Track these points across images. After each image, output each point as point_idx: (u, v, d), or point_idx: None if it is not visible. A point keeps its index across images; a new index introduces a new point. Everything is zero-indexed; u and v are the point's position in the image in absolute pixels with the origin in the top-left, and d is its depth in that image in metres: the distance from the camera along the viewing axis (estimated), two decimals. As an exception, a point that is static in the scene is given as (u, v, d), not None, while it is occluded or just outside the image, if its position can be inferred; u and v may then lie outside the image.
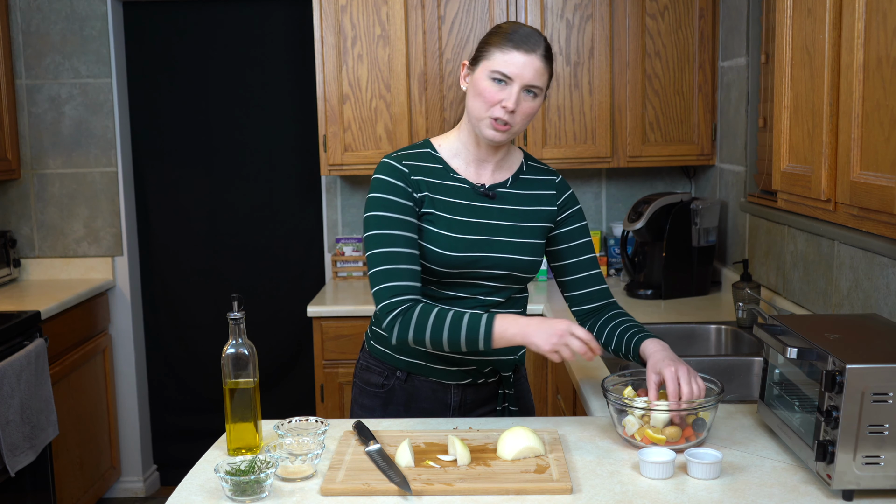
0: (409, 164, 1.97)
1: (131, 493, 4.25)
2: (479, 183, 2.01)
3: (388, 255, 1.89)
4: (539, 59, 1.89)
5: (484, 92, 1.90)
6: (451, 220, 1.95)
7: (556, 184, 2.08)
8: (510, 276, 2.00)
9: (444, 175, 1.99)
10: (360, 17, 3.57)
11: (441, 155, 2.02)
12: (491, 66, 1.89)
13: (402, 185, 1.94)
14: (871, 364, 1.49)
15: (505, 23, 1.97)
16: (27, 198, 4.11)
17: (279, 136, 4.23)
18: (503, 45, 1.89)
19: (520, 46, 1.88)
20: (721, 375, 2.45)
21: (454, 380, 2.05)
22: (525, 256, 1.99)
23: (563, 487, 1.58)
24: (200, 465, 1.76)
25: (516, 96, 1.88)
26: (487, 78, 1.90)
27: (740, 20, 3.29)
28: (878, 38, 1.51)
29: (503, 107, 1.88)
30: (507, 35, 1.90)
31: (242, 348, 1.76)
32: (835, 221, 1.75)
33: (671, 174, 4.01)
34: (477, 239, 1.96)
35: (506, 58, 1.88)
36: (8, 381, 3.01)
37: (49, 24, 4.01)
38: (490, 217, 1.98)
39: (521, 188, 2.04)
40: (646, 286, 3.45)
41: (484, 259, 1.96)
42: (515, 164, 2.07)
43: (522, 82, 1.88)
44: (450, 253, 1.93)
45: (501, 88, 1.89)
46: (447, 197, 1.97)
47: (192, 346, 4.36)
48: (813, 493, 1.57)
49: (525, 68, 1.88)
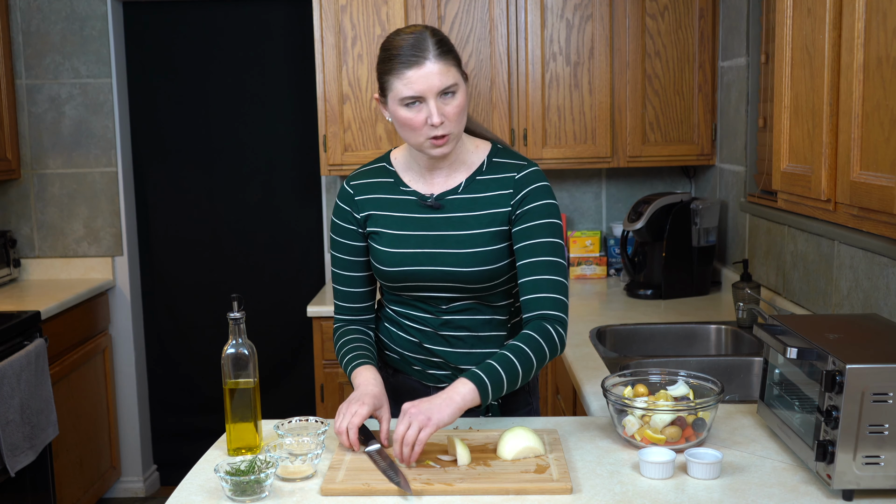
0: (358, 184, 2.00)
1: (131, 493, 4.25)
2: (429, 193, 1.95)
3: (335, 275, 2.06)
4: (434, 61, 1.79)
5: (407, 121, 1.83)
6: (393, 236, 1.94)
7: (514, 181, 1.91)
8: (461, 288, 1.92)
9: (394, 189, 1.97)
10: (360, 17, 3.57)
11: (395, 168, 2.00)
12: (398, 96, 1.82)
13: (346, 209, 2.00)
14: (871, 364, 1.49)
15: (388, 38, 1.87)
16: (27, 198, 4.11)
17: (279, 136, 4.23)
18: (395, 70, 1.81)
19: (410, 63, 1.79)
20: (721, 375, 2.45)
21: (432, 382, 2.04)
22: (470, 268, 1.89)
23: (563, 487, 1.58)
24: (200, 465, 1.76)
25: (436, 109, 1.80)
26: (401, 107, 1.83)
27: (740, 20, 3.29)
28: (878, 38, 1.51)
29: (431, 124, 1.81)
30: (394, 58, 1.82)
31: (242, 348, 1.76)
32: (835, 221, 1.75)
33: (671, 174, 4.01)
34: (417, 252, 1.92)
35: (404, 82, 1.80)
36: (8, 381, 3.01)
37: (49, 24, 4.01)
38: (433, 228, 1.93)
39: (474, 191, 1.93)
40: (646, 286, 3.45)
41: (424, 272, 1.92)
42: (475, 164, 1.96)
43: (433, 93, 1.80)
44: (388, 268, 1.94)
45: (419, 109, 1.81)
46: (393, 212, 1.96)
47: (192, 346, 4.36)
48: (813, 493, 1.57)
49: (427, 80, 1.79)
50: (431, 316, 1.98)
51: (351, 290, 2.04)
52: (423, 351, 2.01)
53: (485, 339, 1.98)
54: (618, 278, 3.87)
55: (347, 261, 2.02)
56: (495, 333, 1.99)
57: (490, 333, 1.99)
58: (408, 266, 1.93)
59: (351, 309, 2.06)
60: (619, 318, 3.07)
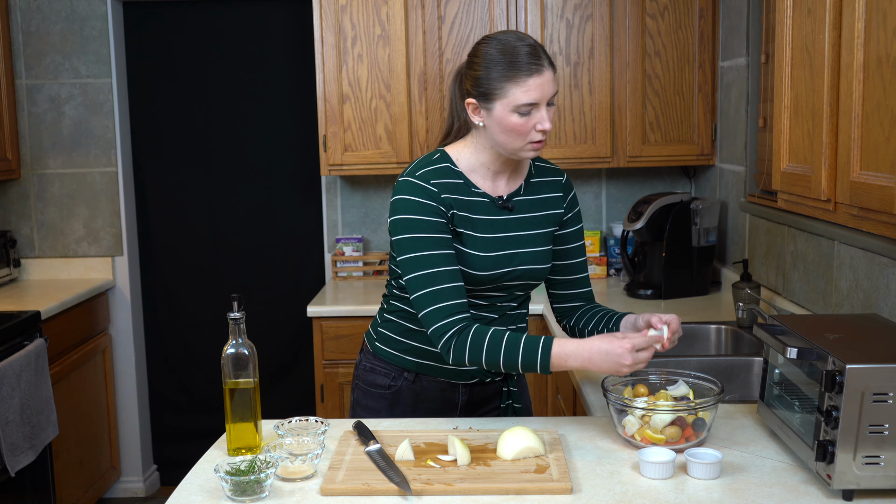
0: (438, 183, 1.93)
1: (131, 493, 4.25)
2: (497, 195, 1.99)
3: (431, 276, 1.86)
4: (549, 69, 1.86)
5: (515, 127, 1.85)
6: (477, 238, 1.94)
7: (562, 185, 2.08)
8: (527, 285, 2.03)
9: (466, 190, 1.96)
10: (360, 17, 3.57)
11: (460, 169, 1.98)
12: (513, 103, 1.83)
13: (433, 204, 1.90)
14: (871, 364, 1.49)
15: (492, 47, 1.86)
16: (27, 198, 4.11)
17: (279, 136, 4.23)
18: (516, 77, 1.83)
19: (531, 71, 1.83)
20: (721, 375, 2.45)
21: (463, 379, 2.06)
22: (541, 265, 2.01)
23: (563, 487, 1.58)
24: (200, 465, 1.76)
25: (547, 115, 1.86)
26: (512, 114, 1.84)
27: (740, 20, 3.29)
28: (878, 38, 1.51)
29: (540, 130, 1.86)
30: (509, 63, 1.83)
31: (242, 348, 1.77)
32: (835, 221, 1.75)
33: (671, 174, 4.01)
34: (500, 255, 1.95)
35: (524, 88, 1.83)
36: (8, 381, 3.01)
37: (49, 24, 4.01)
38: (510, 230, 1.98)
39: (532, 193, 2.03)
40: (646, 286, 3.45)
41: (508, 273, 1.97)
42: (526, 169, 2.05)
43: (546, 99, 1.86)
44: (478, 272, 1.94)
45: (530, 117, 1.85)
46: (470, 213, 1.95)
47: (192, 346, 4.36)
48: (813, 493, 1.57)
49: (544, 87, 1.84)
50: (489, 314, 2.01)
51: (459, 284, 1.88)
52: None
53: (522, 329, 2.09)
54: (618, 278, 3.87)
55: (452, 256, 1.89)
56: (522, 325, 2.10)
57: (521, 325, 2.09)
58: (498, 269, 1.95)
59: (465, 305, 1.88)
60: (619, 318, 3.07)
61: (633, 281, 3.55)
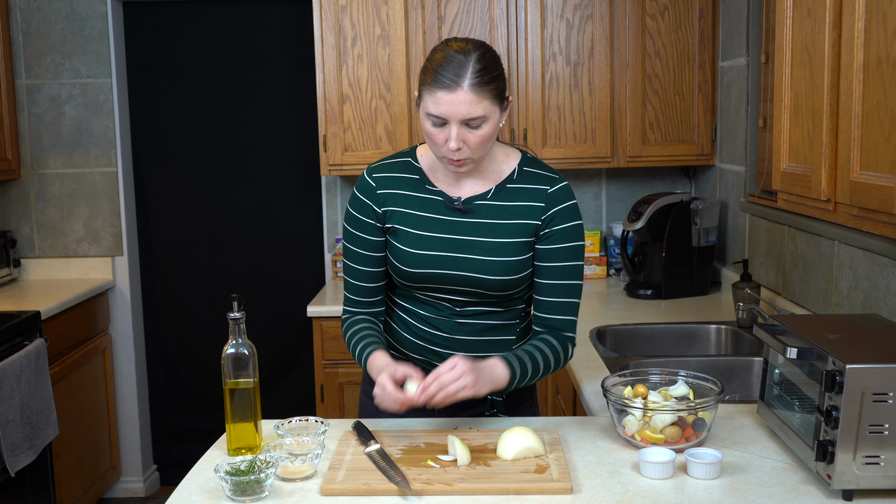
0: (381, 177, 1.95)
1: (131, 493, 4.25)
2: (456, 196, 1.93)
3: (347, 268, 2.01)
4: (467, 91, 1.75)
5: (428, 134, 1.83)
6: (415, 235, 1.91)
7: (546, 195, 1.91)
8: (480, 293, 1.92)
9: (419, 187, 1.94)
10: (360, 17, 3.57)
11: (421, 165, 1.96)
12: (425, 108, 1.81)
13: (365, 201, 1.95)
14: (871, 364, 1.49)
15: (436, 48, 1.84)
16: (27, 198, 4.11)
17: (279, 136, 4.23)
18: (430, 84, 1.79)
19: (444, 84, 1.76)
20: (721, 375, 2.45)
21: None
22: (494, 276, 1.89)
23: (563, 487, 1.58)
24: (200, 465, 1.76)
25: (456, 135, 1.78)
26: (426, 119, 1.81)
27: (740, 20, 3.29)
28: (878, 38, 1.51)
29: (449, 147, 1.80)
30: (433, 71, 1.79)
31: (242, 348, 1.77)
32: (835, 221, 1.75)
33: (671, 174, 4.01)
34: (440, 255, 1.90)
35: (433, 99, 1.78)
36: (8, 381, 3.01)
37: (49, 24, 4.01)
38: (460, 232, 1.90)
39: (504, 199, 1.92)
40: (646, 286, 3.45)
41: (447, 276, 1.91)
42: (506, 171, 1.94)
43: (457, 119, 1.77)
44: (409, 269, 1.92)
45: (441, 129, 1.80)
46: (418, 210, 1.93)
47: (192, 346, 4.36)
48: (813, 493, 1.57)
49: (454, 106, 1.76)
50: (444, 318, 1.96)
51: (363, 284, 1.99)
52: (429, 353, 1.99)
53: (495, 342, 1.98)
54: (618, 278, 3.87)
55: (363, 255, 1.97)
56: (505, 337, 1.99)
57: (500, 337, 1.99)
58: (431, 268, 1.91)
59: (361, 303, 2.01)
60: (619, 318, 3.07)
61: (633, 281, 3.55)
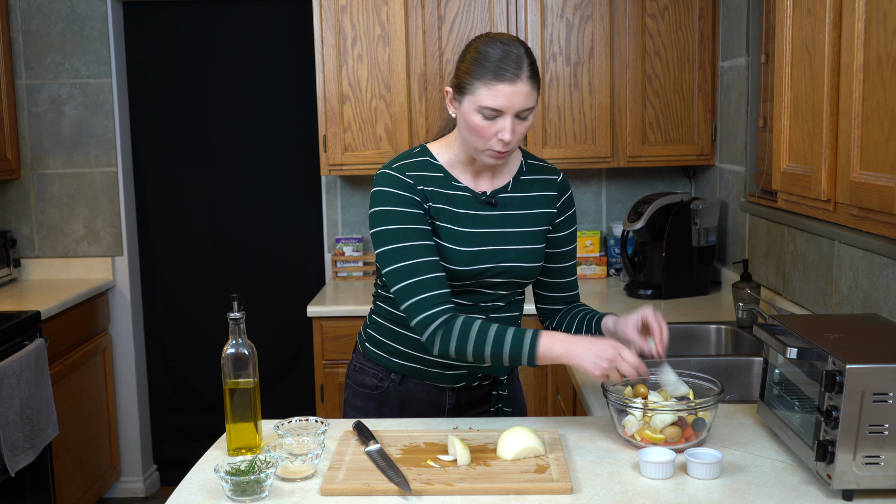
0: (413, 175, 1.92)
1: (131, 493, 4.25)
2: (480, 190, 1.96)
3: (412, 267, 1.84)
4: (525, 83, 1.80)
5: (476, 128, 1.83)
6: (456, 232, 1.92)
7: (557, 184, 2.03)
8: (513, 283, 1.98)
9: (446, 183, 1.95)
10: (360, 17, 3.57)
11: (440, 163, 1.96)
12: (478, 102, 1.80)
13: (410, 196, 1.89)
14: (871, 364, 1.49)
15: (481, 43, 1.83)
16: (27, 198, 4.11)
17: (279, 136, 4.23)
18: (486, 78, 1.79)
19: (504, 77, 1.78)
20: (721, 375, 2.45)
21: (449, 383, 2.04)
22: (527, 263, 1.97)
23: (563, 487, 1.58)
24: (200, 465, 1.76)
25: (510, 126, 1.81)
26: (476, 113, 1.81)
27: (740, 20, 3.29)
28: (878, 38, 1.51)
29: (500, 139, 1.82)
30: (488, 66, 1.79)
31: (242, 348, 1.77)
32: (835, 221, 1.75)
33: (671, 174, 4.01)
34: (482, 250, 1.92)
35: (492, 93, 1.79)
36: (8, 381, 3.01)
37: (49, 24, 4.01)
38: (493, 225, 1.94)
39: (521, 191, 1.99)
40: (646, 286, 3.45)
41: (489, 270, 1.93)
42: (515, 166, 2.01)
43: (514, 111, 1.81)
44: (456, 267, 1.91)
45: (493, 122, 1.81)
46: (450, 206, 1.93)
47: (192, 346, 4.36)
48: (813, 493, 1.57)
49: (514, 98, 1.79)
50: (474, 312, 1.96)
51: (441, 275, 1.86)
52: None
53: None
54: (618, 278, 3.87)
55: (431, 247, 1.87)
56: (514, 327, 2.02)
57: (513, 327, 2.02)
58: (478, 264, 1.92)
59: (448, 295, 1.85)
60: (619, 318, 3.07)
61: (633, 281, 3.55)
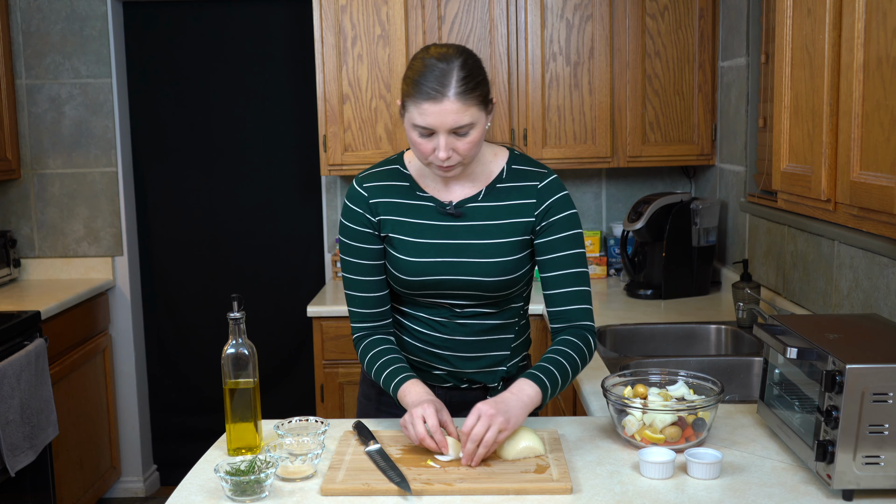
0: (371, 186, 1.93)
1: (131, 493, 4.25)
2: (447, 200, 1.92)
3: (350, 282, 1.96)
4: (453, 100, 1.74)
5: (416, 144, 1.81)
6: (410, 243, 1.90)
7: (537, 190, 1.91)
8: (479, 295, 1.92)
9: (410, 194, 1.93)
10: (360, 17, 3.57)
11: (410, 172, 1.95)
12: (411, 120, 1.79)
13: (359, 211, 1.93)
14: (871, 364, 1.49)
15: (417, 57, 1.81)
16: (27, 198, 4.11)
17: (279, 136, 4.24)
18: (414, 96, 1.76)
19: (428, 95, 1.74)
20: (721, 375, 2.45)
21: (436, 382, 2.04)
22: (492, 277, 1.88)
23: (563, 487, 1.58)
24: (200, 465, 1.76)
25: (444, 144, 1.77)
26: (413, 130, 1.80)
27: (740, 20, 3.29)
28: (878, 38, 1.51)
29: (438, 157, 1.79)
30: (415, 82, 1.76)
31: (242, 348, 1.77)
32: (835, 221, 1.75)
33: (671, 174, 4.01)
34: (437, 262, 1.89)
35: (419, 111, 1.76)
36: (8, 381, 3.01)
37: (49, 24, 4.01)
38: (454, 237, 1.90)
39: (494, 200, 1.91)
40: (646, 286, 3.45)
41: (446, 281, 1.90)
42: (494, 172, 1.93)
43: (445, 129, 1.76)
44: (407, 277, 1.91)
45: (430, 139, 1.79)
46: (411, 218, 1.91)
47: (192, 346, 4.36)
48: (813, 493, 1.57)
49: (442, 116, 1.75)
50: (444, 320, 1.96)
51: (370, 295, 1.95)
52: (429, 354, 1.99)
53: (495, 341, 1.99)
54: (618, 278, 3.87)
55: (365, 266, 1.94)
56: (504, 336, 2.00)
57: (499, 336, 1.99)
58: (429, 275, 1.90)
59: (371, 315, 1.96)
60: (619, 318, 3.07)
61: (633, 281, 3.55)
